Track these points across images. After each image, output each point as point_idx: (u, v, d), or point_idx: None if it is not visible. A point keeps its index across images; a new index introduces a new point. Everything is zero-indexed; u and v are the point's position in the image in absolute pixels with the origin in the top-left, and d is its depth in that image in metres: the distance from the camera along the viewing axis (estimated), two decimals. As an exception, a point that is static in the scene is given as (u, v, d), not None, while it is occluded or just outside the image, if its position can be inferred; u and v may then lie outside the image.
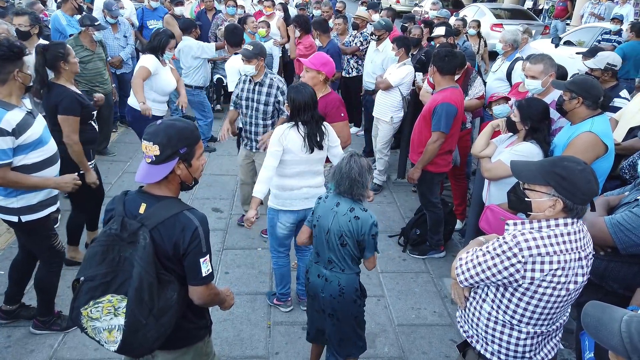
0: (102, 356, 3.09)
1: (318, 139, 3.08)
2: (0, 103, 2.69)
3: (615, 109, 3.91)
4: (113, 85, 6.01)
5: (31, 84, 2.89)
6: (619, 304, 2.14)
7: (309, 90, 3.07)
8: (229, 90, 4.86)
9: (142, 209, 1.86)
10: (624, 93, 4.16)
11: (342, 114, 3.62)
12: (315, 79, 3.53)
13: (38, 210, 2.92)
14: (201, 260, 1.86)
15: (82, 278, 1.83)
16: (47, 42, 3.98)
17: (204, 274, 1.87)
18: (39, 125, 2.87)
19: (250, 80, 4.06)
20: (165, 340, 1.89)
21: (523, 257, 1.76)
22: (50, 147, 2.93)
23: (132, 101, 4.81)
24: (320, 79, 3.55)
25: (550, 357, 1.99)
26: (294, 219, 3.29)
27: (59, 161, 3.03)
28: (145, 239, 1.78)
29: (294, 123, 3.06)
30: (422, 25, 6.63)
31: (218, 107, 7.80)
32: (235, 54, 4.95)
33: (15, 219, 2.88)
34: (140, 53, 8.09)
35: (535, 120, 2.97)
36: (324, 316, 2.65)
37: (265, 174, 3.13)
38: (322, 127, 3.12)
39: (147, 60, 4.67)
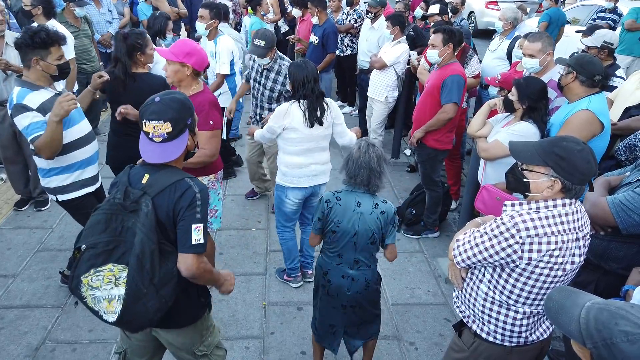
0: (96, 337, 3.09)
1: (318, 114, 3.07)
2: (27, 84, 2.77)
3: (612, 88, 3.88)
4: (101, 64, 5.86)
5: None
6: (618, 284, 2.16)
7: (310, 65, 3.08)
8: (221, 72, 4.73)
9: (145, 179, 1.86)
10: (620, 72, 4.13)
11: (212, 122, 2.89)
12: (180, 74, 2.83)
13: (72, 190, 3.04)
14: (193, 226, 1.81)
15: (83, 246, 1.80)
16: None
17: (193, 242, 1.81)
18: None
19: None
20: (166, 318, 1.88)
21: (521, 237, 1.75)
22: (84, 127, 3.01)
23: None
24: (187, 72, 2.84)
25: (545, 336, 2.01)
26: (302, 196, 3.33)
27: (95, 140, 3.16)
28: (147, 206, 1.77)
29: (295, 99, 3.06)
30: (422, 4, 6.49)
31: None
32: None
33: (54, 198, 3.07)
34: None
35: (533, 100, 2.94)
36: (343, 311, 2.60)
37: (260, 136, 3.27)
38: (324, 103, 3.12)
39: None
